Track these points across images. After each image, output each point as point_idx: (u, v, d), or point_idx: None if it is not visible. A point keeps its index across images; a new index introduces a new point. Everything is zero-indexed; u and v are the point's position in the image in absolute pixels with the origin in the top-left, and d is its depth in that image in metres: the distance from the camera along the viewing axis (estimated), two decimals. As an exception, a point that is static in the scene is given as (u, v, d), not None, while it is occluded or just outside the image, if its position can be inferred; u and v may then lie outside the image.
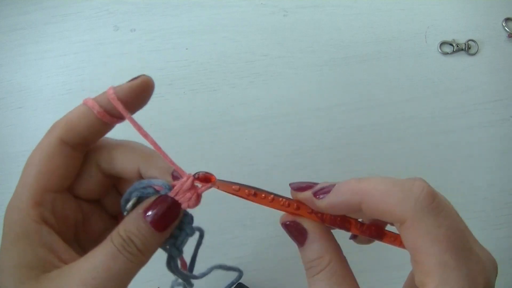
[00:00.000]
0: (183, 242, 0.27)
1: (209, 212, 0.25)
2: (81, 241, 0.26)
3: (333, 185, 0.23)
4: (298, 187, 0.25)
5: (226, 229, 0.48)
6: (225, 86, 0.55)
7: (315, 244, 0.24)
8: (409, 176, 0.23)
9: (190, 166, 0.54)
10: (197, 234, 0.29)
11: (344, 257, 0.24)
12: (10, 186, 0.55)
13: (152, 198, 0.25)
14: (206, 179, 0.26)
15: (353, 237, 0.28)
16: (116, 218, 0.29)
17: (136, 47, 0.57)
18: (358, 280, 0.24)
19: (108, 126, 0.27)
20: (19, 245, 0.22)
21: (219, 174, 0.55)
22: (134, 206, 0.25)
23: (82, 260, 0.22)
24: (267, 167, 0.51)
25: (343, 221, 0.24)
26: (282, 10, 0.58)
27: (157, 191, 0.25)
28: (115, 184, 0.29)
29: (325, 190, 0.24)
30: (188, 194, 0.25)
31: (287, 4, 0.58)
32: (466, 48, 0.55)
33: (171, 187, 0.25)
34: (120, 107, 0.25)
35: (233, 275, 0.31)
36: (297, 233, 0.25)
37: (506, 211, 0.50)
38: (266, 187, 0.27)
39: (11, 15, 0.58)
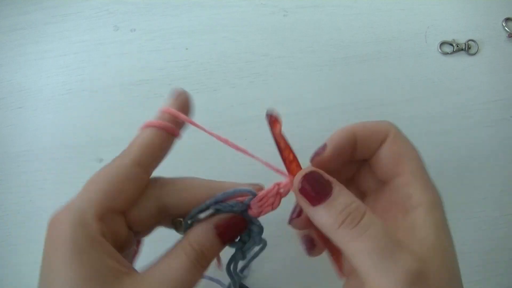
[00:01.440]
0: (249, 249, 0.28)
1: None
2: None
3: (324, 143, 0.28)
4: (317, 152, 0.28)
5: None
6: (225, 86, 0.55)
7: (345, 190, 0.24)
8: None
9: (190, 166, 0.55)
10: None
11: None
12: (10, 186, 0.56)
13: (226, 215, 0.26)
14: (275, 122, 0.29)
15: (296, 216, 0.28)
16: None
17: (136, 47, 0.57)
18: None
19: (173, 142, 0.28)
20: (85, 256, 0.21)
21: (219, 174, 0.55)
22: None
23: (155, 269, 0.23)
24: (267, 167, 0.51)
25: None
26: (282, 10, 0.58)
27: (237, 204, 0.26)
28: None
29: (320, 147, 0.28)
30: (271, 199, 0.27)
31: (287, 4, 0.58)
32: (466, 48, 0.55)
33: (255, 193, 0.27)
34: (184, 117, 0.28)
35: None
36: (320, 186, 0.24)
37: (506, 211, 0.50)
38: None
39: (11, 15, 0.58)
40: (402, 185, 0.25)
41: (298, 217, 0.28)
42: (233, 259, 0.28)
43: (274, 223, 0.28)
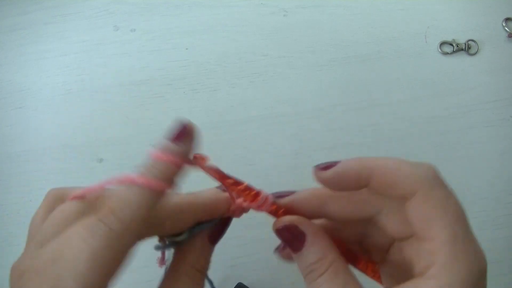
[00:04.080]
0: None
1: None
2: None
3: (338, 161, 0.24)
4: (322, 167, 0.24)
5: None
6: (225, 86, 0.55)
7: (315, 246, 0.23)
8: None
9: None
10: None
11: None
12: (10, 186, 0.55)
13: (215, 222, 0.26)
14: (198, 161, 0.25)
15: (280, 249, 0.27)
16: None
17: (136, 47, 0.57)
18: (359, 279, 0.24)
19: (162, 197, 0.22)
20: None
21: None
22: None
23: None
24: (267, 167, 0.51)
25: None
26: (282, 10, 0.58)
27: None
28: None
29: (329, 164, 0.24)
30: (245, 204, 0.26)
31: (287, 4, 0.58)
32: (466, 48, 0.55)
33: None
34: (193, 163, 0.24)
35: (233, 275, 0.31)
36: (294, 238, 0.23)
37: (506, 211, 0.50)
38: (266, 187, 0.27)
39: (11, 15, 0.58)
40: (428, 252, 0.20)
41: (283, 250, 0.27)
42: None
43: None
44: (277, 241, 0.26)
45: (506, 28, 0.56)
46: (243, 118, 0.53)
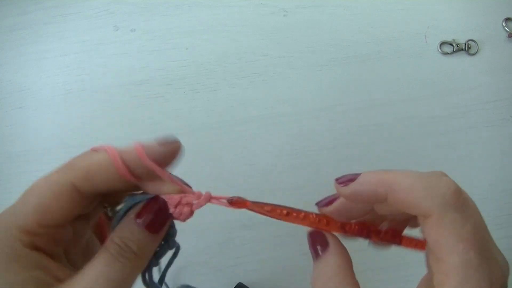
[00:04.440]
0: (163, 254, 0.26)
1: (209, 211, 0.25)
2: (70, 255, 0.25)
3: (358, 174, 0.24)
4: (342, 181, 0.25)
5: (225, 229, 0.48)
6: (225, 86, 0.55)
7: (333, 257, 0.24)
8: None
9: (190, 166, 0.54)
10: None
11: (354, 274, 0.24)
12: (10, 186, 0.55)
13: (144, 202, 0.24)
14: (240, 204, 0.26)
15: (372, 242, 0.27)
16: (97, 228, 0.29)
17: (136, 47, 0.57)
18: (358, 279, 0.24)
19: (128, 185, 0.24)
20: (11, 267, 0.21)
21: (219, 174, 0.55)
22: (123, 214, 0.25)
23: (79, 275, 0.22)
24: (267, 167, 0.51)
25: (363, 229, 0.25)
26: (282, 10, 0.58)
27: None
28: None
29: (349, 178, 0.24)
30: (185, 209, 0.25)
31: (287, 4, 0.58)
32: (466, 48, 0.55)
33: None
34: (156, 168, 0.23)
35: (233, 275, 0.30)
36: (319, 243, 0.25)
37: (506, 211, 0.50)
38: (266, 187, 0.27)
39: (11, 15, 0.58)
40: (441, 272, 0.20)
41: (326, 206, 0.27)
42: (147, 267, 0.26)
43: (275, 223, 0.27)
44: (277, 241, 0.26)
45: (506, 28, 0.56)
46: (243, 118, 0.53)
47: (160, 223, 0.24)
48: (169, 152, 0.24)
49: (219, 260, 0.48)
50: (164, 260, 0.27)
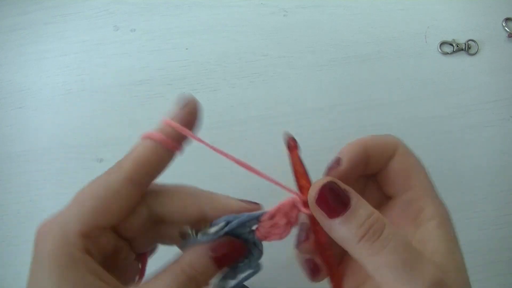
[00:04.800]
0: (242, 271, 0.27)
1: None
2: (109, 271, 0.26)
3: (336, 156, 0.28)
4: (332, 167, 0.28)
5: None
6: (225, 86, 0.55)
7: (363, 201, 0.23)
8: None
9: (190, 166, 0.54)
10: None
11: None
12: (10, 186, 0.55)
13: (226, 239, 0.25)
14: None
15: (305, 239, 0.27)
16: (140, 255, 0.29)
17: (136, 47, 0.57)
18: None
19: (171, 158, 0.26)
20: (67, 272, 0.21)
21: (219, 174, 0.55)
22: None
23: (150, 281, 0.23)
24: (267, 167, 0.51)
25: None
26: (282, 10, 0.58)
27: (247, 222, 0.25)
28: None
29: (335, 160, 0.28)
30: (283, 220, 0.25)
31: (287, 4, 0.58)
32: (466, 48, 0.55)
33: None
34: (187, 132, 0.26)
35: None
36: (338, 196, 0.23)
37: (506, 211, 0.50)
38: (266, 187, 0.27)
39: (11, 15, 0.58)
40: (413, 199, 0.26)
41: (306, 240, 0.26)
42: (224, 278, 0.26)
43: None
44: (277, 241, 0.26)
45: (506, 28, 0.56)
46: (243, 118, 0.53)
47: (231, 262, 0.25)
48: (190, 112, 0.27)
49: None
50: None
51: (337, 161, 0.27)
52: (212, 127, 0.53)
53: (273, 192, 0.27)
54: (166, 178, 0.27)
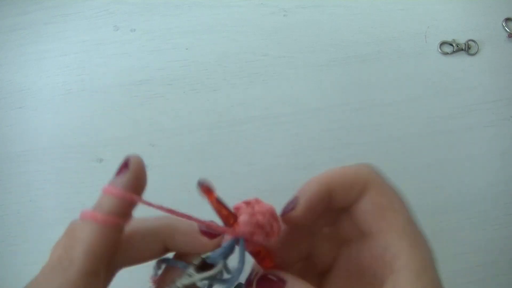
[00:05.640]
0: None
1: (208, 211, 0.25)
2: None
3: (294, 196, 0.24)
4: (287, 211, 0.25)
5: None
6: (225, 86, 0.55)
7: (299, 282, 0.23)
8: (410, 176, 0.24)
9: (190, 166, 0.54)
10: None
11: None
12: (10, 186, 0.55)
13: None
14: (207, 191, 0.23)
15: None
16: None
17: (136, 47, 0.57)
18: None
19: (122, 231, 0.23)
20: None
21: (219, 174, 0.55)
22: None
23: None
24: (267, 167, 0.51)
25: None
26: (282, 10, 0.58)
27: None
28: None
29: (291, 201, 0.24)
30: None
31: (287, 4, 0.58)
32: (466, 48, 0.55)
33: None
34: (136, 198, 0.22)
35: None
36: (274, 285, 0.23)
37: (506, 211, 0.50)
38: (266, 187, 0.27)
39: (11, 15, 0.58)
40: (385, 243, 0.23)
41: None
42: None
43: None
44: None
45: (506, 28, 0.56)
46: (243, 118, 0.53)
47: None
48: (136, 177, 0.22)
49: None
50: None
51: (294, 203, 0.24)
52: (212, 127, 0.53)
53: (273, 192, 0.27)
54: (166, 177, 0.27)
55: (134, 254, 0.24)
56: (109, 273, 0.24)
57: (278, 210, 0.25)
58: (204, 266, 0.23)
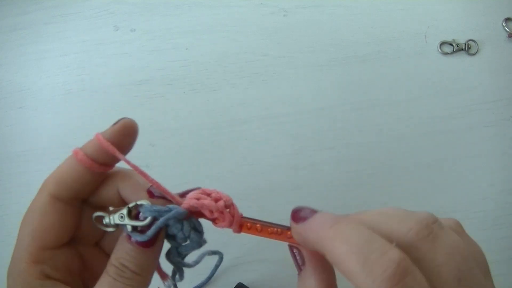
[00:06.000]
0: (186, 251, 0.26)
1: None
2: (91, 285, 0.25)
3: (314, 212, 0.22)
4: (296, 217, 0.24)
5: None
6: (225, 86, 0.55)
7: (309, 279, 0.24)
8: (411, 176, 0.23)
9: (190, 166, 0.54)
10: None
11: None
12: (10, 186, 0.55)
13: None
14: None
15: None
16: None
17: (136, 47, 0.57)
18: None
19: (99, 176, 0.25)
20: None
21: (219, 174, 0.55)
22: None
23: None
24: (267, 167, 0.51)
25: None
26: (282, 10, 0.58)
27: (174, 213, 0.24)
28: None
29: (303, 215, 0.23)
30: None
31: (287, 4, 0.58)
32: (466, 48, 0.55)
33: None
34: (112, 149, 0.24)
35: (233, 275, 0.30)
36: (298, 259, 0.25)
37: (506, 211, 0.50)
38: (266, 187, 0.27)
39: (11, 15, 0.58)
40: None
41: (303, 264, 0.26)
42: (170, 260, 0.26)
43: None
44: (277, 241, 0.26)
45: (506, 28, 0.56)
46: (243, 118, 0.53)
47: (152, 238, 0.24)
48: (123, 130, 0.25)
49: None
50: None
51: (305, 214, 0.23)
52: (212, 127, 0.53)
53: (273, 192, 0.27)
54: (166, 177, 0.27)
55: (97, 193, 0.26)
56: (81, 210, 0.26)
57: (284, 208, 0.25)
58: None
